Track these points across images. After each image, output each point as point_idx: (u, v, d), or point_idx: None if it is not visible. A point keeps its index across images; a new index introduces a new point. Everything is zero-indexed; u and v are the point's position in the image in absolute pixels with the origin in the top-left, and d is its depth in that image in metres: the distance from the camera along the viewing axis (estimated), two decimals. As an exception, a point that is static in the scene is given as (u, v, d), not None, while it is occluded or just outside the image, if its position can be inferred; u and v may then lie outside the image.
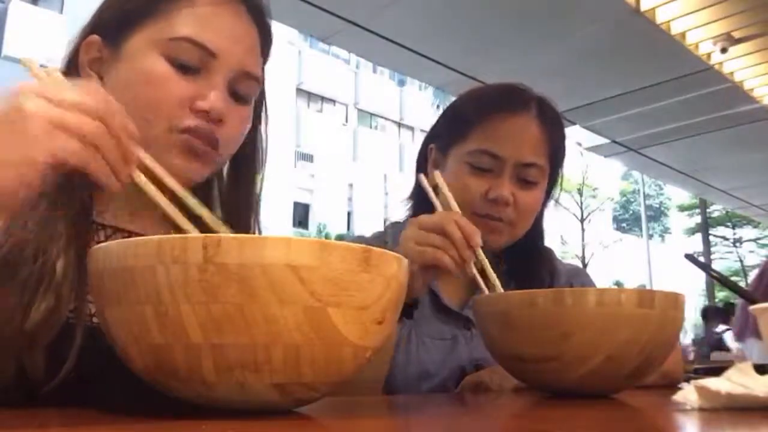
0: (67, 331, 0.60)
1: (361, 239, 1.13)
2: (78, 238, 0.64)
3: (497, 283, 0.88)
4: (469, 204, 0.98)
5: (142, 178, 0.57)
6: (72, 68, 0.71)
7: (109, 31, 0.71)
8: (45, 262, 0.60)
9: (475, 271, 0.87)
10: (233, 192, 0.80)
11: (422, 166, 1.11)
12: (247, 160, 0.81)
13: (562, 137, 1.10)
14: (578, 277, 1.19)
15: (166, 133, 0.67)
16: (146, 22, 0.69)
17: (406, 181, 1.17)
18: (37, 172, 0.49)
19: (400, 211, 1.17)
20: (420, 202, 1.09)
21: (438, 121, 1.12)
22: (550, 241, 1.19)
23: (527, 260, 1.10)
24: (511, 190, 1.00)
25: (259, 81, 0.75)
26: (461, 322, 1.05)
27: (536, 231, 1.11)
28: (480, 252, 0.86)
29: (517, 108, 1.04)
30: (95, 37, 0.71)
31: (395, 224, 1.14)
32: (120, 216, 0.74)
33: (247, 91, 0.74)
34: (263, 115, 0.83)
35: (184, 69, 0.68)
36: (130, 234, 0.73)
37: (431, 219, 0.86)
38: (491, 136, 1.01)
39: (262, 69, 0.78)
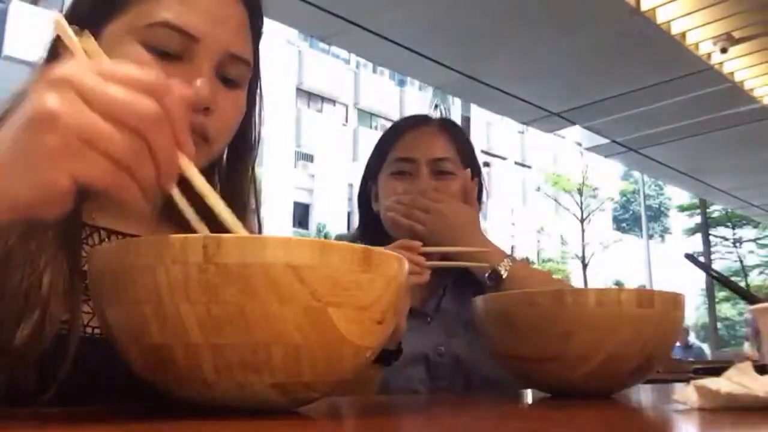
0: (60, 342, 0.57)
1: None
2: (68, 245, 0.61)
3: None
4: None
5: (176, 192, 0.47)
6: (53, 61, 0.68)
7: (86, 20, 0.65)
8: (32, 274, 0.57)
9: None
10: (231, 179, 0.77)
11: (365, 205, 1.28)
12: (243, 145, 0.77)
13: (466, 140, 1.27)
14: None
15: None
16: (124, 8, 0.65)
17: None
18: (54, 195, 0.41)
19: None
20: (366, 232, 1.27)
21: (367, 161, 1.29)
22: (551, 241, 1.22)
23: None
24: (431, 185, 1.16)
25: (249, 63, 0.71)
26: (421, 318, 1.14)
27: None
28: None
29: (421, 123, 1.26)
30: (73, 27, 0.68)
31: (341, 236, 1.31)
32: (113, 217, 0.70)
33: (238, 74, 0.69)
34: (258, 98, 0.78)
35: (164, 57, 0.64)
36: (125, 236, 0.70)
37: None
38: (403, 146, 1.21)
39: (256, 49, 0.74)
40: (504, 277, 1.06)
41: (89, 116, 0.40)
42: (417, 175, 1.18)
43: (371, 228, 1.24)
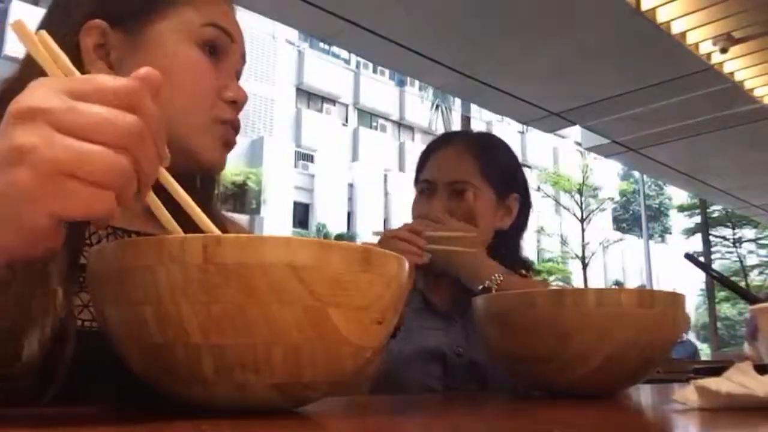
0: (54, 337, 0.55)
1: None
2: (70, 240, 0.59)
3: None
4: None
5: (151, 197, 0.44)
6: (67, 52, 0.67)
7: (120, 16, 0.69)
8: (42, 286, 0.54)
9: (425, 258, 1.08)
10: (207, 182, 0.80)
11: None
12: None
13: (500, 158, 1.30)
14: None
15: (209, 124, 0.69)
16: (171, 8, 0.70)
17: (406, 181, 1.37)
18: (36, 235, 0.37)
19: (400, 212, 1.34)
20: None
21: None
22: (551, 241, 1.25)
23: None
24: (444, 207, 1.21)
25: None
26: (447, 320, 1.22)
27: (507, 253, 1.23)
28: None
29: (448, 143, 1.31)
30: (100, 22, 0.67)
31: None
32: None
33: (239, 75, 0.77)
34: None
35: (212, 56, 0.70)
36: (115, 230, 0.71)
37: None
38: (428, 168, 1.28)
39: None
40: (494, 291, 1.10)
41: (65, 144, 0.36)
42: (434, 196, 1.24)
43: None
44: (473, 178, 1.23)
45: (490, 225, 1.25)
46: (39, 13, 0.71)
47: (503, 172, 1.28)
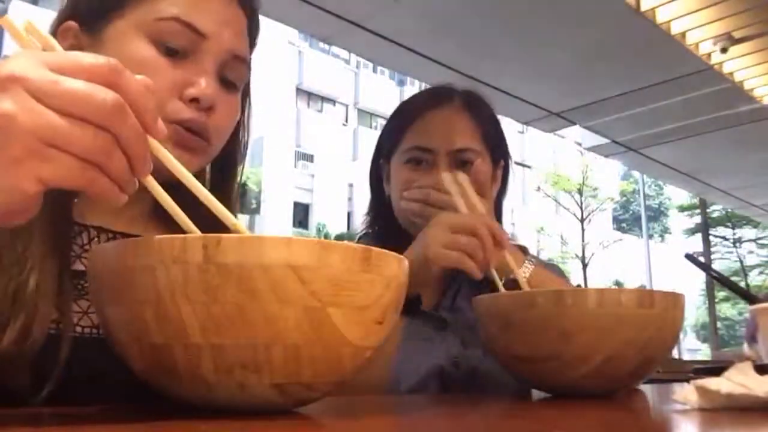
0: (50, 342, 0.56)
1: None
2: (57, 244, 0.60)
3: (498, 282, 0.89)
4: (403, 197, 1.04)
5: (152, 183, 0.44)
6: None
7: (87, 17, 0.67)
8: (19, 275, 0.55)
9: (494, 272, 0.89)
10: (218, 185, 0.76)
11: (376, 185, 1.18)
12: (232, 153, 0.77)
13: (493, 121, 1.14)
14: None
15: None
16: (129, 5, 0.66)
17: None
18: (24, 201, 0.38)
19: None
20: (378, 215, 1.17)
21: (380, 136, 1.17)
22: (551, 241, 1.19)
23: None
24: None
25: (249, 66, 0.72)
26: (435, 323, 1.03)
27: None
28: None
29: (441, 102, 1.10)
30: (72, 24, 0.67)
31: (365, 235, 1.18)
32: (103, 215, 0.69)
33: (237, 77, 0.70)
34: (247, 106, 0.78)
35: (171, 53, 0.65)
36: (115, 235, 0.70)
37: (462, 219, 0.89)
38: (421, 132, 1.07)
39: (250, 57, 0.75)
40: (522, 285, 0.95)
41: (46, 116, 0.37)
42: (434, 166, 1.04)
43: (383, 212, 1.14)
44: (478, 145, 1.07)
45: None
46: (38, 12, 0.71)
47: (498, 138, 1.13)
